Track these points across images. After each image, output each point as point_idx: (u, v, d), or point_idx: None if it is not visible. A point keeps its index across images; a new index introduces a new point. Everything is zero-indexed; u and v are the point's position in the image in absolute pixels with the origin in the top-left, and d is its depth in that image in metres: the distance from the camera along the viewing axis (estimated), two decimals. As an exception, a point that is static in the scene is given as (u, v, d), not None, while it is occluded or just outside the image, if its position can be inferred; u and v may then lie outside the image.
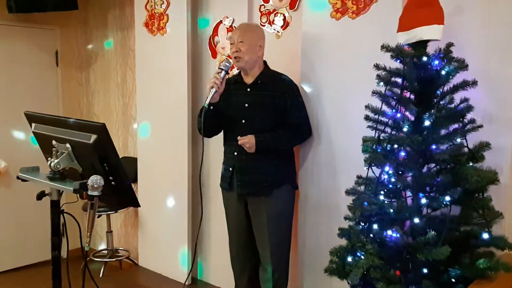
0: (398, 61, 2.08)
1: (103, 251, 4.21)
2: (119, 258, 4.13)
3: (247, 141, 2.64)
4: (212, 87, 2.60)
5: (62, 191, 1.94)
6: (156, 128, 3.76)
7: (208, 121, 2.65)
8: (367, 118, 2.12)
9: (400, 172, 1.97)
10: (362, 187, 2.27)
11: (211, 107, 2.64)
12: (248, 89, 2.77)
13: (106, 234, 4.10)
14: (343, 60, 2.69)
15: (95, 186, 1.74)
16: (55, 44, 4.34)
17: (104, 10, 4.30)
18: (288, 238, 2.87)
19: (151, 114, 3.80)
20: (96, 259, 4.04)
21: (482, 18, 2.27)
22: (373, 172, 2.24)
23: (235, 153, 2.77)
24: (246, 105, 2.74)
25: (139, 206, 1.92)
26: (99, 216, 4.13)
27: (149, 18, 3.69)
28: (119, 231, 4.37)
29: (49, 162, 1.91)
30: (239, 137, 2.67)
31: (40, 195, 1.94)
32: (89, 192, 1.75)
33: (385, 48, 2.09)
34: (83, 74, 4.56)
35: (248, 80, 2.79)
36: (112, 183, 1.85)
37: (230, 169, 2.80)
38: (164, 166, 3.70)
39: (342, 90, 2.72)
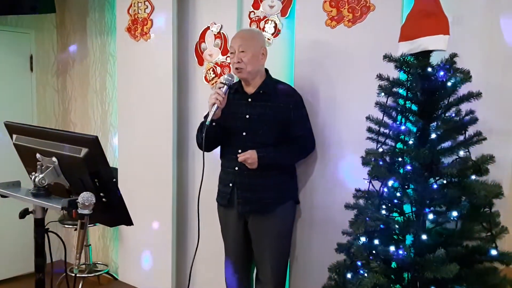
0: (401, 71, 2.02)
1: (80, 266, 4.01)
2: (98, 273, 3.94)
3: (249, 157, 2.49)
4: (214, 104, 2.44)
5: (47, 209, 1.80)
6: (139, 138, 3.61)
7: (209, 137, 2.48)
8: (370, 130, 2.05)
9: (406, 186, 1.90)
10: (361, 201, 2.21)
11: (213, 123, 2.49)
12: (249, 100, 2.61)
13: (84, 248, 3.90)
14: (339, 69, 2.63)
15: (86, 204, 1.60)
16: (30, 48, 4.12)
17: (82, 13, 4.13)
18: (287, 254, 2.77)
19: (133, 123, 3.64)
20: (73, 274, 3.84)
21: (481, 28, 2.25)
22: (373, 186, 2.18)
23: (236, 168, 2.60)
24: (247, 116, 2.59)
25: (132, 224, 1.79)
26: (76, 229, 3.94)
27: (131, 23, 3.55)
28: (97, 244, 4.18)
29: (33, 177, 1.76)
30: (239, 155, 2.52)
31: (24, 213, 1.78)
32: (80, 211, 1.61)
33: (388, 58, 2.03)
34: (59, 80, 4.37)
35: (249, 90, 2.63)
36: (103, 199, 1.71)
37: (230, 185, 2.64)
38: (147, 177, 3.55)
39: (337, 101, 2.65)
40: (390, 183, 1.96)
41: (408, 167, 1.91)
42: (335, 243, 2.51)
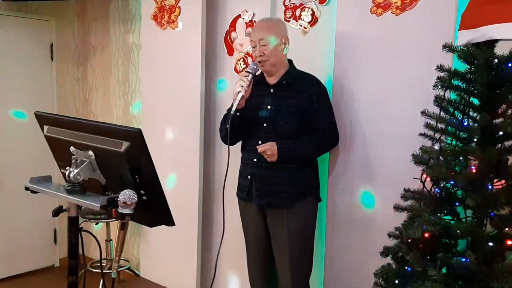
0: (462, 62, 1.86)
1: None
2: (119, 269, 3.83)
3: (269, 148, 2.39)
4: (239, 92, 2.36)
5: (82, 206, 1.67)
6: (164, 130, 3.47)
7: (234, 128, 2.40)
8: (428, 126, 1.89)
9: (470, 188, 1.75)
10: (411, 202, 2.05)
11: (237, 113, 2.40)
12: (272, 90, 2.53)
13: (105, 243, 3.80)
14: (384, 60, 2.46)
15: (128, 202, 1.47)
16: (50, 37, 4.01)
17: (104, 0, 3.99)
18: (310, 255, 2.61)
19: (158, 115, 3.51)
20: (94, 270, 3.73)
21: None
22: (424, 186, 2.02)
23: (255, 160, 2.51)
24: (269, 107, 2.50)
25: (174, 224, 1.66)
26: (96, 223, 3.84)
27: (158, 10, 3.40)
28: (116, 236, 4.06)
29: (67, 172, 1.63)
30: (258, 146, 2.42)
31: (57, 211, 1.65)
32: (120, 210, 1.48)
33: (448, 47, 1.87)
34: (80, 69, 4.25)
35: (272, 80, 2.54)
36: (144, 197, 1.58)
37: (249, 177, 2.55)
38: (172, 172, 3.42)
39: (380, 94, 2.49)
40: (450, 183, 1.80)
41: (472, 167, 1.75)
42: (372, 245, 2.38)
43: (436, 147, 1.92)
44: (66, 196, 1.61)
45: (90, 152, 1.61)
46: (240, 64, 3.13)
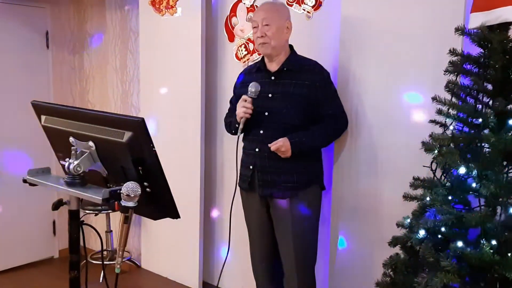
0: (476, 46, 1.79)
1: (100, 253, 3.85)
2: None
3: (282, 145, 2.32)
4: (242, 117, 2.38)
5: (82, 199, 1.61)
6: (163, 119, 3.40)
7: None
8: (439, 112, 1.83)
9: (484, 177, 1.69)
10: (420, 191, 2.00)
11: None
12: (273, 78, 2.45)
13: (106, 234, 3.75)
14: (391, 45, 2.38)
15: (131, 195, 1.41)
16: (46, 24, 3.92)
17: (100, -14, 3.89)
18: (314, 245, 2.56)
19: (157, 104, 3.43)
20: (94, 261, 3.69)
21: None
22: (434, 174, 1.98)
23: (257, 150, 2.45)
24: (270, 95, 2.42)
25: (179, 217, 1.60)
26: (96, 215, 3.79)
27: (156, -5, 3.32)
28: (118, 230, 4.01)
29: (66, 163, 1.56)
30: (270, 144, 2.35)
31: (57, 205, 1.59)
32: (123, 203, 1.42)
33: (460, 31, 1.80)
34: (76, 57, 4.15)
35: (273, 67, 2.47)
36: (147, 190, 1.52)
37: (251, 167, 2.48)
38: (173, 162, 3.34)
39: (387, 81, 2.42)
40: (462, 171, 1.75)
41: (486, 155, 1.69)
42: (380, 235, 2.34)
43: (448, 133, 1.87)
44: (66, 189, 1.55)
45: (91, 143, 1.54)
46: (242, 50, 3.06)
